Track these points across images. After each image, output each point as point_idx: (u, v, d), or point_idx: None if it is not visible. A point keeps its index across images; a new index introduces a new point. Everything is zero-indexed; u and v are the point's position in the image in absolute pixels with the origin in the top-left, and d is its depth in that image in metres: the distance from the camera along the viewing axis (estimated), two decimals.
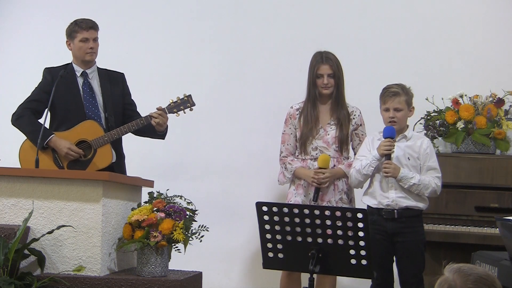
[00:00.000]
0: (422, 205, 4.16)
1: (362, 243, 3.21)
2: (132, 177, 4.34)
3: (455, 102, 4.92)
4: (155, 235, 3.86)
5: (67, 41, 4.58)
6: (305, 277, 4.54)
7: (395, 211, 4.12)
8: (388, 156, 4.09)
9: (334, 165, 4.38)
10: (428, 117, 4.96)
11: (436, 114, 4.95)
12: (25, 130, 4.48)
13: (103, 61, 4.74)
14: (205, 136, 5.48)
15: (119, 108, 4.57)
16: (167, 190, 4.16)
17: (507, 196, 4.58)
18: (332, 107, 4.43)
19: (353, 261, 3.24)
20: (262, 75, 5.46)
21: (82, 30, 4.50)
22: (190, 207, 4.08)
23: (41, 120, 4.42)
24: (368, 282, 4.24)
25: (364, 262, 3.23)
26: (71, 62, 4.60)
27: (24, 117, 4.49)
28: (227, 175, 5.45)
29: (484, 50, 5.21)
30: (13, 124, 4.52)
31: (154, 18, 5.63)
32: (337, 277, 4.37)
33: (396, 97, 4.15)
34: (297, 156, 4.45)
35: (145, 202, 4.15)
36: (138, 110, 4.65)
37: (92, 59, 4.55)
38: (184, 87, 5.12)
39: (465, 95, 4.93)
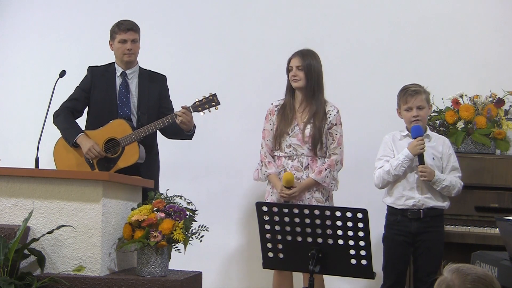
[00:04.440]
0: (446, 204, 4.23)
1: (362, 243, 3.22)
2: (132, 177, 4.35)
3: (455, 102, 4.91)
4: (155, 235, 3.86)
5: (109, 41, 4.64)
6: (296, 274, 4.55)
7: (421, 211, 4.15)
8: (421, 155, 4.13)
9: (308, 164, 4.40)
10: (428, 117, 4.95)
11: (436, 114, 4.94)
12: (60, 128, 4.56)
13: (103, 61, 4.75)
14: (205, 136, 5.47)
15: (154, 109, 4.60)
16: (167, 190, 4.16)
17: (507, 196, 4.58)
18: (303, 100, 4.45)
19: (353, 261, 3.25)
20: (262, 75, 5.45)
21: (121, 32, 4.55)
22: (190, 207, 4.08)
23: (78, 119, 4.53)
24: (378, 283, 4.25)
25: (364, 262, 3.24)
26: (114, 62, 4.66)
27: (60, 116, 4.58)
28: (227, 175, 5.45)
29: (484, 50, 5.20)
30: (53, 122, 4.58)
31: (153, 18, 5.62)
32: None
33: (418, 95, 4.21)
34: (274, 153, 4.49)
35: (145, 203, 4.14)
36: None
37: (130, 60, 4.59)
38: (184, 87, 5.13)
39: (465, 95, 4.93)
